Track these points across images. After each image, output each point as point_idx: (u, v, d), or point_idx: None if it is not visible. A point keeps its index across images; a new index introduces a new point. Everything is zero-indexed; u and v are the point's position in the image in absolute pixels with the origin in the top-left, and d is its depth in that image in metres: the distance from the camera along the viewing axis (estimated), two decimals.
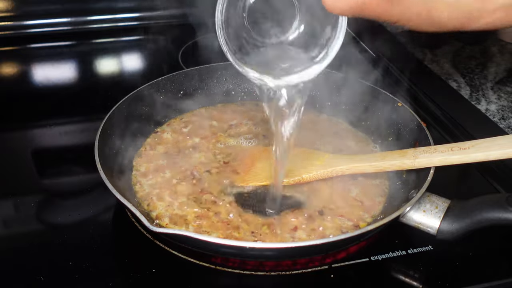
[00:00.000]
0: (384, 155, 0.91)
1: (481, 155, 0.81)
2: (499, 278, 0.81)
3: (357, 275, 0.81)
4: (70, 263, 0.81)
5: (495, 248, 0.86)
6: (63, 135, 1.15)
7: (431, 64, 1.44)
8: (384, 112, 1.06)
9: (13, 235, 0.90)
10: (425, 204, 0.82)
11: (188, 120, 1.11)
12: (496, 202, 0.79)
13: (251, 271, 0.80)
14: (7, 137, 1.15)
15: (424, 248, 0.84)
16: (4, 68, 1.48)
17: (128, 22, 1.60)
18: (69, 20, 1.54)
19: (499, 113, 1.22)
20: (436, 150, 0.85)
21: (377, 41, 1.49)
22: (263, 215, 0.86)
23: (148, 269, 0.80)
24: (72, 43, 1.57)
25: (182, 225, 0.85)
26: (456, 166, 0.84)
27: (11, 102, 1.27)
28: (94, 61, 1.50)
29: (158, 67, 1.30)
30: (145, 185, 0.93)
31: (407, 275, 0.81)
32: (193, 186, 0.93)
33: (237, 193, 0.91)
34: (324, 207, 0.88)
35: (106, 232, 0.89)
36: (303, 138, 1.06)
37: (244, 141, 1.06)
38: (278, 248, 0.75)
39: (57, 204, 0.97)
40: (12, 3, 1.51)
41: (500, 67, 1.44)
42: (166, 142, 1.04)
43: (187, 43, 1.45)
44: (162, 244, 0.83)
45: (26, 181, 1.01)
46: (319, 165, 0.92)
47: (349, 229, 0.85)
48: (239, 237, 0.82)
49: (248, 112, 1.15)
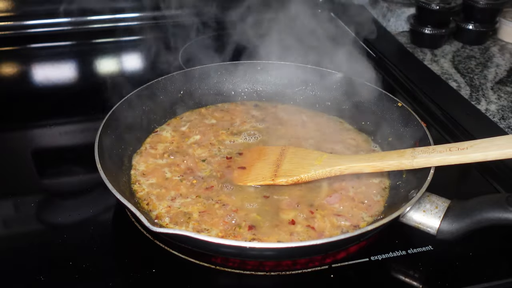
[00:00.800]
0: (382, 155, 0.91)
1: (480, 155, 0.81)
2: (499, 278, 0.81)
3: (357, 275, 0.81)
4: (70, 263, 0.81)
5: (495, 248, 0.86)
6: (63, 135, 1.15)
7: (431, 64, 1.44)
8: (384, 112, 1.06)
9: (13, 235, 0.90)
10: (425, 204, 0.82)
11: (188, 120, 1.11)
12: (496, 202, 0.79)
13: (251, 271, 0.80)
14: (7, 137, 1.15)
15: (424, 248, 0.84)
16: (4, 68, 1.48)
17: (128, 22, 1.60)
18: (69, 20, 1.54)
19: (499, 113, 1.22)
20: (434, 150, 0.85)
21: (377, 41, 1.49)
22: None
23: (148, 269, 0.80)
24: (72, 43, 1.57)
25: (183, 224, 0.85)
26: (456, 166, 0.84)
27: (11, 102, 1.27)
28: (94, 61, 1.50)
29: (158, 67, 1.30)
30: (145, 185, 0.93)
31: (407, 275, 0.81)
32: (193, 184, 0.93)
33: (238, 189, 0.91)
34: (324, 206, 0.89)
35: (106, 232, 0.89)
36: (302, 138, 1.07)
37: (245, 140, 1.06)
38: (278, 248, 0.75)
39: (57, 204, 0.97)
40: (12, 3, 1.51)
41: (500, 67, 1.44)
42: (166, 141, 1.04)
43: (187, 43, 1.45)
44: (162, 244, 0.83)
45: (26, 181, 1.01)
46: (317, 165, 0.92)
47: (348, 229, 0.85)
48: (240, 234, 0.82)
49: (248, 111, 1.15)
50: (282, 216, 0.86)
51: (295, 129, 1.10)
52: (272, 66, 1.20)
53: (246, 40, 1.26)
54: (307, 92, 1.19)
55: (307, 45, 1.30)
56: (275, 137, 1.07)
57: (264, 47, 1.25)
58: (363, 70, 1.14)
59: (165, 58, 1.34)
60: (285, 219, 0.86)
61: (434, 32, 1.50)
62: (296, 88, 1.19)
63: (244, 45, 1.26)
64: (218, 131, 1.08)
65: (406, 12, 1.62)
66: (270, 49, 1.25)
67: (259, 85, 1.21)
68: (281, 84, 1.20)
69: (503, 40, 1.60)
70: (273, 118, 1.13)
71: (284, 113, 1.15)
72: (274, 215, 0.87)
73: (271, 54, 1.24)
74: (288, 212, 0.87)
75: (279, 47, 1.26)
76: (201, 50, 1.31)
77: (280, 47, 1.27)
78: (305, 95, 1.19)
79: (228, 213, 0.87)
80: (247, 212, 0.87)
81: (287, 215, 0.87)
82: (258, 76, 1.21)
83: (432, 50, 1.53)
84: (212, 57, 1.26)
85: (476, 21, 1.53)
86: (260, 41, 1.30)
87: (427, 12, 1.49)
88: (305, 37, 1.34)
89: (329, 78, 1.16)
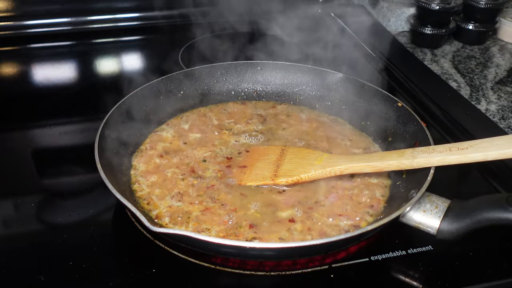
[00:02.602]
0: (382, 155, 0.91)
1: (480, 155, 0.81)
2: (499, 278, 0.81)
3: (357, 275, 0.81)
4: (70, 263, 0.81)
5: (495, 248, 0.86)
6: (63, 135, 1.15)
7: (431, 64, 1.44)
8: (384, 112, 1.06)
9: (13, 235, 0.90)
10: (425, 204, 0.82)
11: (188, 120, 1.11)
12: (496, 202, 0.79)
13: (251, 271, 0.80)
14: (7, 137, 1.15)
15: (424, 248, 0.84)
16: (4, 68, 1.48)
17: (128, 22, 1.60)
18: (69, 20, 1.54)
19: (499, 113, 1.22)
20: (434, 150, 0.85)
21: (377, 41, 1.49)
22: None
23: (148, 269, 0.80)
24: (72, 43, 1.57)
25: (183, 224, 0.85)
26: (456, 166, 0.84)
27: (11, 102, 1.27)
28: (94, 61, 1.50)
29: (158, 67, 1.30)
30: (145, 184, 0.93)
31: (407, 275, 0.81)
32: (193, 184, 0.93)
33: (238, 189, 0.91)
34: (324, 206, 0.89)
35: (106, 232, 0.89)
36: (302, 138, 1.07)
37: (245, 140, 1.06)
38: (278, 248, 0.75)
39: (57, 204, 0.97)
40: (12, 3, 1.51)
41: (500, 67, 1.44)
42: (166, 141, 1.04)
43: (187, 43, 1.45)
44: (162, 244, 0.83)
45: (26, 181, 1.01)
46: (317, 165, 0.92)
47: (348, 229, 0.85)
48: (240, 233, 0.82)
49: (248, 111, 1.15)
50: (281, 214, 0.87)
51: (295, 129, 1.10)
52: (272, 66, 1.20)
53: (246, 40, 1.26)
54: (307, 92, 1.19)
55: (308, 45, 1.30)
56: (275, 137, 1.07)
57: (264, 47, 1.25)
58: (363, 70, 1.14)
59: (165, 58, 1.34)
60: (284, 217, 0.86)
61: (434, 32, 1.50)
62: (296, 88, 1.20)
63: (244, 45, 1.27)
64: (218, 131, 1.08)
65: (406, 12, 1.62)
66: (270, 49, 1.25)
67: (259, 85, 1.21)
68: (281, 84, 1.20)
69: (503, 40, 1.60)
70: (273, 118, 1.13)
71: (284, 113, 1.15)
72: (274, 214, 0.87)
73: (271, 54, 1.25)
74: (286, 210, 0.87)
75: (279, 47, 1.27)
76: (201, 50, 1.31)
77: (280, 47, 1.27)
78: (305, 95, 1.19)
79: (228, 212, 0.87)
80: (247, 211, 0.87)
81: (285, 213, 0.87)
82: (258, 76, 1.21)
83: (432, 50, 1.53)
84: (212, 57, 1.26)
85: (476, 21, 1.53)
86: (260, 41, 1.30)
87: (427, 12, 1.49)
88: (305, 37, 1.34)
89: (329, 78, 1.16)
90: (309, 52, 1.29)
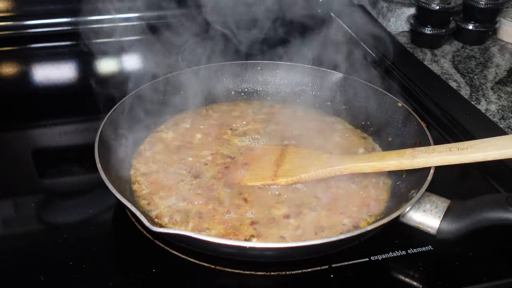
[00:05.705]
0: (382, 155, 0.91)
1: (480, 155, 0.81)
2: (499, 278, 0.81)
3: (357, 275, 0.81)
4: (70, 263, 0.81)
5: (495, 248, 0.86)
6: (63, 135, 1.15)
7: (431, 64, 1.44)
8: (384, 112, 1.07)
9: (13, 235, 0.90)
10: (425, 204, 0.82)
11: (188, 120, 1.11)
12: (496, 202, 0.79)
13: (251, 271, 0.80)
14: (7, 137, 1.15)
15: (424, 248, 0.84)
16: (4, 68, 1.48)
17: (127, 22, 1.59)
18: (69, 20, 1.54)
19: (499, 113, 1.22)
20: (434, 150, 0.85)
21: (377, 41, 1.49)
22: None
23: (148, 269, 0.80)
24: (72, 43, 1.57)
25: (183, 223, 0.85)
26: (456, 166, 0.84)
27: (11, 102, 1.27)
28: (94, 61, 1.49)
29: (158, 67, 1.30)
30: (144, 184, 0.93)
31: (407, 275, 0.81)
32: (193, 184, 0.93)
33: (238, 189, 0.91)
34: (323, 205, 0.89)
35: (106, 232, 0.89)
36: (302, 138, 1.07)
37: (244, 140, 1.06)
38: (278, 248, 0.75)
39: (57, 204, 0.97)
40: (12, 3, 1.51)
41: (500, 67, 1.44)
42: (166, 141, 1.04)
43: (187, 43, 1.45)
44: (162, 244, 0.83)
45: (26, 181, 1.01)
46: (317, 165, 0.92)
47: (348, 228, 0.85)
48: (240, 233, 0.82)
49: (248, 111, 1.15)
50: (281, 214, 0.87)
51: (295, 129, 1.10)
52: (272, 66, 1.20)
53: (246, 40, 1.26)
54: (307, 92, 1.19)
55: (308, 45, 1.30)
56: (275, 137, 1.07)
57: (265, 47, 1.25)
58: (363, 70, 1.14)
59: (165, 58, 1.34)
60: (284, 217, 0.86)
61: (434, 32, 1.50)
62: (296, 88, 1.20)
63: (244, 45, 1.27)
64: (218, 131, 1.08)
65: (406, 12, 1.62)
66: (270, 49, 1.25)
67: (259, 85, 1.21)
68: (281, 84, 1.20)
69: (503, 40, 1.60)
70: (273, 118, 1.13)
71: (284, 113, 1.15)
72: (274, 214, 0.87)
73: (271, 54, 1.25)
74: (287, 209, 0.88)
75: (279, 47, 1.27)
76: (201, 50, 1.31)
77: (280, 47, 1.27)
78: (305, 95, 1.19)
79: (228, 212, 0.87)
80: (247, 210, 0.87)
81: (285, 213, 0.87)
82: (258, 76, 1.21)
83: (432, 50, 1.53)
84: (212, 57, 1.26)
85: (476, 21, 1.53)
86: (260, 41, 1.30)
87: (427, 12, 1.49)
88: (305, 37, 1.34)
89: (329, 78, 1.16)
90: (309, 52, 1.29)
